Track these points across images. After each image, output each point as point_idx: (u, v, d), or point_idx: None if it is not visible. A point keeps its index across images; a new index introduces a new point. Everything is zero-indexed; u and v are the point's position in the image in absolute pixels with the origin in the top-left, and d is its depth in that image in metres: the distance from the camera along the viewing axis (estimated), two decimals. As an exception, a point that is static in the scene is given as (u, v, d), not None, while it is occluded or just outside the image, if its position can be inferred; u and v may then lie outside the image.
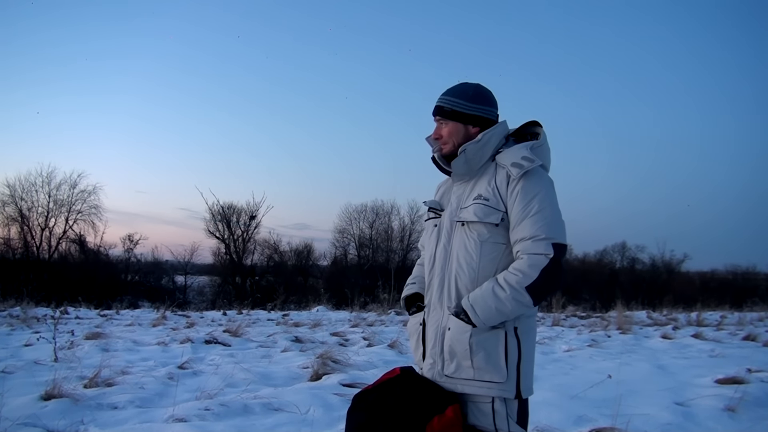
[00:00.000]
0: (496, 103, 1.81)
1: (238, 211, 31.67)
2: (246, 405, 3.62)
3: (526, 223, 1.60)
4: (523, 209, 1.60)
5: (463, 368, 1.62)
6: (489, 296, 1.57)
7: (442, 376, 1.66)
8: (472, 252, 1.66)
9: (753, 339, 8.07)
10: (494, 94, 1.82)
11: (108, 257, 30.10)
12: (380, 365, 5.12)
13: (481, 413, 1.62)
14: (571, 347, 6.71)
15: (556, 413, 3.51)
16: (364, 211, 33.43)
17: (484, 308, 1.57)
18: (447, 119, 1.77)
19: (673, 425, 3.45)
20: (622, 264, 36.35)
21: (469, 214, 1.67)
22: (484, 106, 1.78)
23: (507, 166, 1.65)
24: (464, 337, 1.60)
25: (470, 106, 1.76)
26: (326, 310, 12.17)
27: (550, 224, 1.59)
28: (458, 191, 1.77)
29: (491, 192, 1.66)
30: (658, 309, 14.36)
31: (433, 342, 1.70)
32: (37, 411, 3.37)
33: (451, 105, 1.77)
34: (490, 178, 1.70)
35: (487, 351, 1.59)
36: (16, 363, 4.84)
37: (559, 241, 1.59)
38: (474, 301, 1.59)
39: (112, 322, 9.06)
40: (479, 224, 1.65)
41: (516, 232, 1.62)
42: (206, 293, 29.65)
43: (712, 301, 15.77)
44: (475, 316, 1.58)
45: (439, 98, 1.81)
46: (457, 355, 1.62)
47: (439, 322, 1.70)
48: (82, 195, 29.15)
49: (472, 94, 1.78)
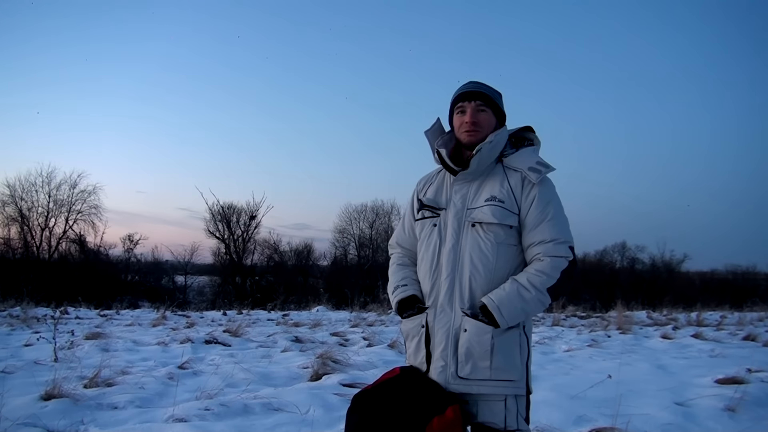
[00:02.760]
0: None
1: (238, 211, 31.68)
2: (246, 405, 3.62)
3: (546, 227, 1.64)
4: (541, 213, 1.65)
5: (479, 369, 1.62)
6: (515, 297, 1.60)
7: (455, 378, 1.64)
8: (488, 253, 1.65)
9: (753, 339, 8.06)
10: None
11: (108, 257, 30.09)
12: (380, 365, 5.12)
13: (492, 411, 1.63)
14: (571, 347, 6.71)
15: (556, 413, 3.51)
16: (364, 211, 33.44)
17: (510, 309, 1.59)
18: (488, 107, 1.75)
19: (673, 425, 3.45)
20: (622, 264, 36.30)
21: (485, 216, 1.66)
22: (503, 106, 1.82)
23: (523, 170, 1.68)
24: (485, 338, 1.60)
25: (501, 102, 1.81)
26: (326, 310, 12.17)
27: (566, 228, 1.67)
28: (461, 191, 1.74)
29: (506, 194, 1.67)
30: (658, 309, 14.35)
31: (444, 344, 1.66)
32: (37, 411, 3.37)
33: (492, 95, 1.77)
34: (501, 180, 1.70)
35: (506, 350, 1.62)
36: (16, 363, 4.84)
37: (573, 244, 1.66)
38: (500, 303, 1.60)
39: (112, 322, 9.05)
40: (496, 226, 1.65)
41: (534, 234, 1.65)
42: (206, 293, 29.62)
43: (712, 301, 15.78)
44: (501, 318, 1.59)
45: (475, 85, 1.77)
46: (474, 356, 1.62)
47: (450, 324, 1.67)
48: (82, 195, 29.13)
49: (498, 92, 1.82)
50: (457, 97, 1.78)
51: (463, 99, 1.76)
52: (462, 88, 1.78)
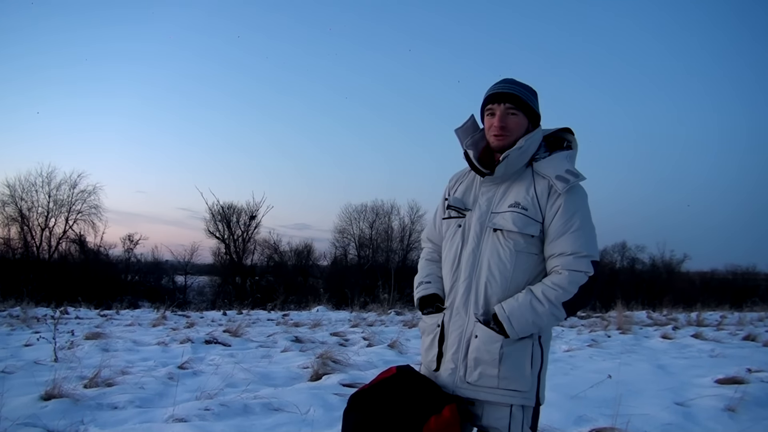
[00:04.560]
0: None
1: (238, 211, 31.71)
2: (246, 405, 3.62)
3: (568, 239, 1.58)
4: (565, 224, 1.59)
5: (487, 376, 1.60)
6: (527, 309, 1.56)
7: (463, 383, 1.63)
8: (506, 261, 1.62)
9: (753, 339, 8.07)
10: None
11: (108, 257, 30.11)
12: (380, 365, 5.12)
13: (496, 417, 1.61)
14: (571, 347, 6.71)
15: (556, 413, 3.51)
16: (364, 211, 33.45)
17: (520, 321, 1.56)
18: (519, 110, 1.66)
19: (673, 425, 3.45)
20: (622, 264, 36.34)
21: (506, 222, 1.62)
22: (538, 106, 1.73)
23: (551, 177, 1.62)
24: (494, 347, 1.58)
25: (535, 103, 1.71)
26: (326, 310, 12.16)
27: (590, 242, 1.60)
28: (488, 193, 1.70)
29: (530, 201, 1.62)
30: (658, 309, 14.34)
31: (456, 347, 1.65)
32: (37, 411, 3.37)
33: (525, 96, 1.67)
34: (528, 186, 1.65)
35: (515, 361, 1.59)
36: (16, 363, 4.84)
37: (597, 258, 1.60)
38: (511, 313, 1.57)
39: (112, 322, 9.05)
40: (516, 234, 1.61)
41: (555, 245, 1.60)
42: (206, 293, 29.62)
43: (712, 301, 15.77)
44: (510, 328, 1.56)
45: (506, 85, 1.67)
46: (482, 363, 1.60)
47: (463, 327, 1.65)
48: (82, 195, 29.16)
49: (533, 90, 1.71)
50: (487, 98, 1.70)
51: (493, 101, 1.67)
52: (493, 88, 1.69)
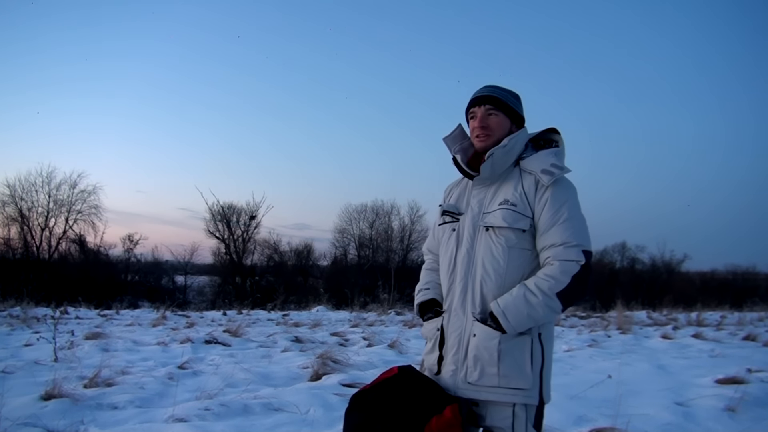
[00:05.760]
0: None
1: (238, 211, 31.63)
2: (246, 405, 3.62)
3: (557, 230, 1.60)
4: (553, 216, 1.61)
5: (487, 375, 1.60)
6: (521, 302, 1.57)
7: (465, 383, 1.64)
8: (499, 258, 1.64)
9: (753, 339, 8.07)
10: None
11: (108, 257, 30.05)
12: (380, 365, 5.12)
13: (500, 416, 1.61)
14: (571, 347, 6.72)
15: (556, 413, 3.51)
16: (364, 211, 33.38)
17: (515, 314, 1.56)
18: (499, 110, 1.73)
19: (673, 425, 3.46)
20: (622, 264, 36.23)
21: (496, 220, 1.65)
22: (521, 109, 1.79)
23: (536, 172, 1.65)
24: (492, 343, 1.59)
25: (517, 104, 1.78)
26: (326, 310, 12.17)
27: (580, 231, 1.61)
28: (479, 195, 1.74)
29: (519, 198, 1.65)
30: (658, 309, 14.36)
31: (456, 348, 1.66)
32: (37, 411, 3.37)
33: (504, 98, 1.74)
34: (515, 184, 1.68)
35: (514, 358, 1.59)
36: (16, 363, 4.84)
37: (588, 248, 1.61)
38: (505, 307, 1.58)
39: (112, 322, 9.06)
40: (507, 230, 1.63)
41: (545, 238, 1.62)
42: (206, 293, 29.60)
43: (712, 301, 15.78)
44: (506, 322, 1.57)
45: (486, 89, 1.76)
46: (482, 361, 1.60)
47: (462, 328, 1.67)
48: (82, 195, 29.07)
49: (514, 94, 1.80)
50: (469, 103, 1.78)
51: (474, 104, 1.75)
52: (474, 94, 1.77)
